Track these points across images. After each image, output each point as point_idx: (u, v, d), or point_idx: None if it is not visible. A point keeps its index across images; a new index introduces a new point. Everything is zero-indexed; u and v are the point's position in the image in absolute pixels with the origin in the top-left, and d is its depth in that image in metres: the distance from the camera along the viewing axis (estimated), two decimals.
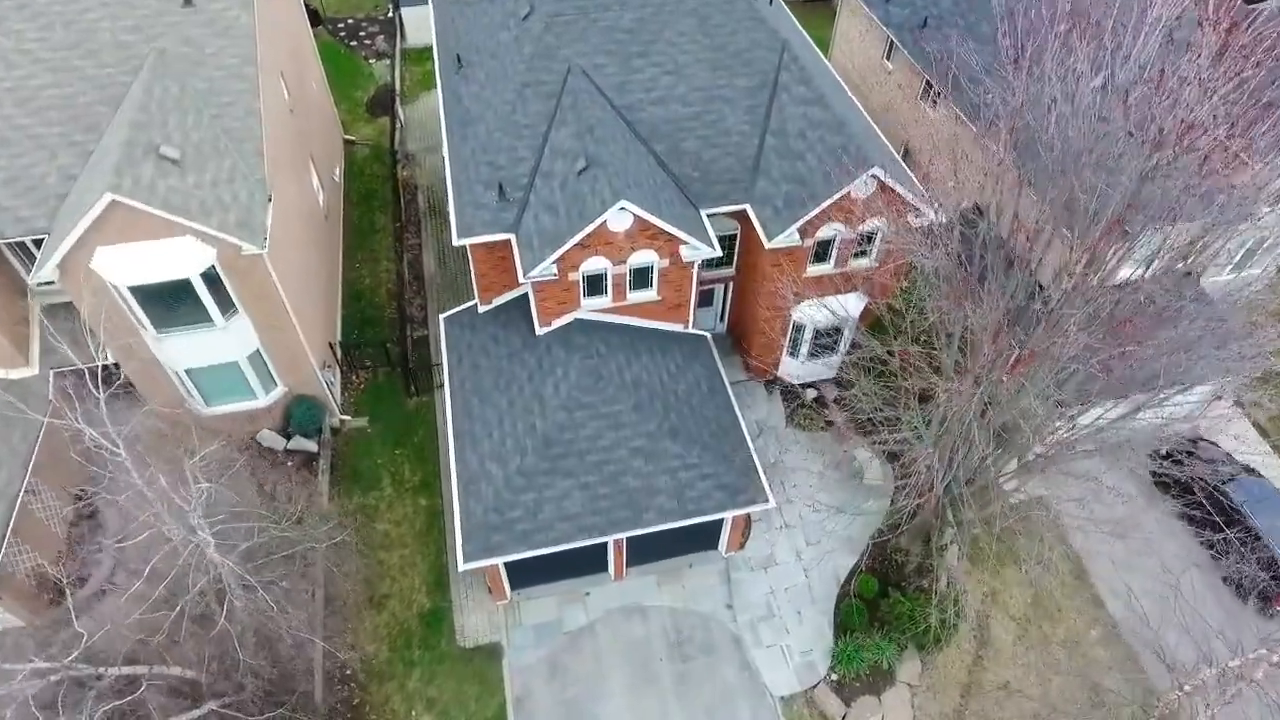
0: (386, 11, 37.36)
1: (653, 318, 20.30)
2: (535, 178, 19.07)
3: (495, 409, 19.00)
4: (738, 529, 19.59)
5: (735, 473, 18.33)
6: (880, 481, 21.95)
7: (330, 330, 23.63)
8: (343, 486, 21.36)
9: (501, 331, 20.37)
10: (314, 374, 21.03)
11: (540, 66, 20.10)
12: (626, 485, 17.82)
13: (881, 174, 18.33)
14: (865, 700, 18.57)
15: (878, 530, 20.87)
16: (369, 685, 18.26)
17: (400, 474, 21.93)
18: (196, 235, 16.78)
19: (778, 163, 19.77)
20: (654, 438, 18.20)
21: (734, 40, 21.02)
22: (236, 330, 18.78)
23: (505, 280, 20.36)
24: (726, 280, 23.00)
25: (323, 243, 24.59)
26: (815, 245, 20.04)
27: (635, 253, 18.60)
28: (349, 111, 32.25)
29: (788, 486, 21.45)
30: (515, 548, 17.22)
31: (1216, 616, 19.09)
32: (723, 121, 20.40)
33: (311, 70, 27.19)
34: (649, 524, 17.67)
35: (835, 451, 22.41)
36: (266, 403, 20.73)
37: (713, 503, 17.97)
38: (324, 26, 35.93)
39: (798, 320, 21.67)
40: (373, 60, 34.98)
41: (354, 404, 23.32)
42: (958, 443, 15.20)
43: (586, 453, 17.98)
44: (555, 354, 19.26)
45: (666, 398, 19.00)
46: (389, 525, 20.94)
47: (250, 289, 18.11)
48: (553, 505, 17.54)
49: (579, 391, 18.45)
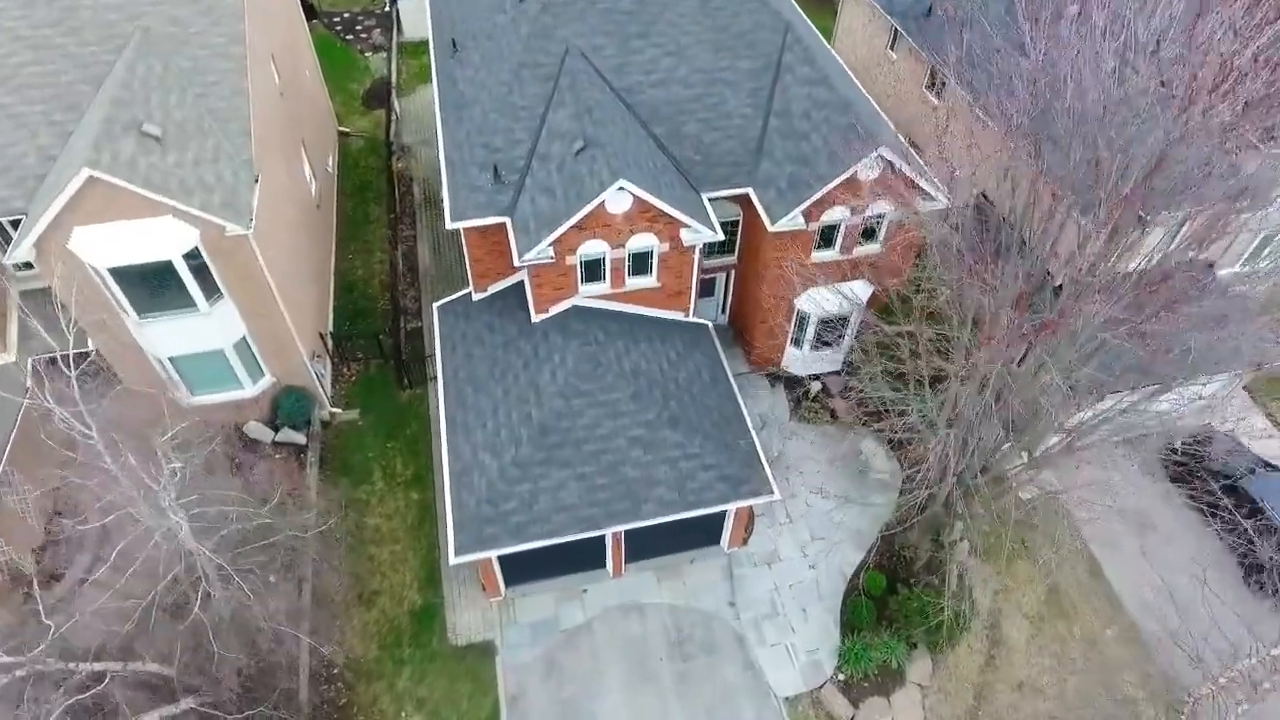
0: (383, 6, 36.92)
1: (652, 305, 19.67)
2: (532, 160, 18.48)
3: (490, 398, 18.35)
4: (741, 523, 18.89)
5: (738, 463, 17.66)
6: (887, 475, 21.28)
7: (321, 320, 23.00)
8: (332, 480, 20.68)
9: (496, 320, 19.74)
10: (303, 364, 20.38)
11: (537, 48, 19.54)
12: (625, 476, 17.15)
13: (889, 153, 17.74)
14: (874, 701, 17.84)
15: (886, 524, 20.16)
16: (356, 684, 17.52)
17: (392, 467, 21.26)
18: (178, 215, 16.17)
19: (781, 144, 19.19)
20: (653, 427, 17.54)
21: (736, 22, 20.47)
22: (221, 316, 18.14)
23: (500, 266, 19.75)
24: (728, 269, 22.39)
25: (314, 231, 23.99)
26: (820, 230, 19.44)
27: (634, 236, 17.99)
28: (344, 104, 31.75)
29: (793, 480, 20.77)
30: (509, 540, 16.53)
31: (1238, 612, 18.36)
32: (724, 104, 19.83)
33: (304, 59, 26.67)
34: (648, 516, 16.98)
35: (841, 445, 21.74)
36: (254, 393, 20.06)
37: (715, 494, 17.29)
38: (319, 20, 35.47)
39: (802, 309, 21.04)
40: (369, 54, 34.51)
41: (345, 397, 22.66)
42: (972, 427, 14.54)
43: (584, 442, 17.31)
44: (552, 341, 18.62)
45: (666, 386, 18.35)
46: (379, 520, 20.24)
47: (235, 272, 17.49)
48: (548, 496, 16.86)
49: (576, 379, 17.81)
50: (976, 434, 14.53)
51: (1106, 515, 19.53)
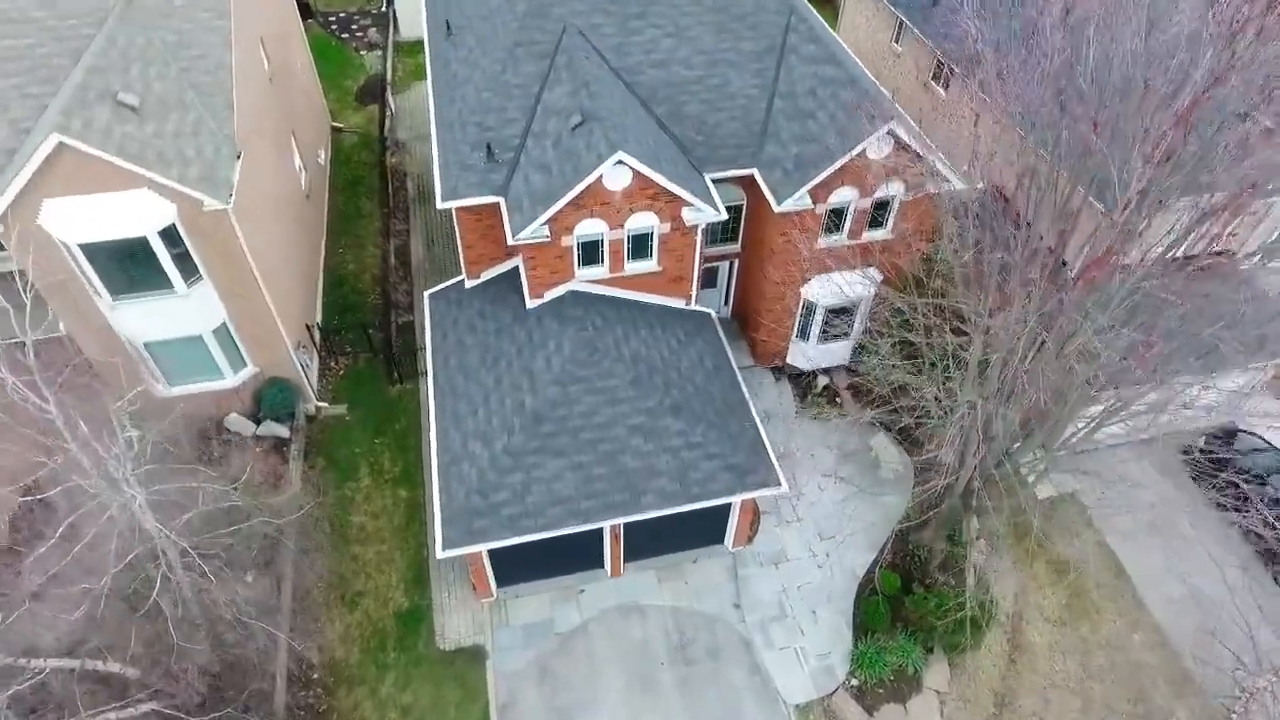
0: (380, 6, 36.52)
1: (653, 291, 18.83)
2: (526, 139, 17.75)
3: (481, 386, 17.44)
4: (746, 518, 17.90)
5: (744, 452, 16.72)
6: (900, 467, 20.32)
7: (309, 313, 22.14)
8: (317, 476, 19.70)
9: (489, 307, 18.88)
10: (288, 354, 19.48)
11: (533, 25, 18.89)
12: (624, 466, 16.19)
13: (899, 129, 17.00)
14: (889, 709, 16.75)
15: (900, 520, 19.16)
16: (336, 689, 16.41)
17: (380, 464, 20.29)
18: (154, 188, 15.36)
19: (786, 125, 18.47)
20: (654, 414, 16.62)
21: (738, 3, 19.87)
22: (200, 299, 17.27)
23: (493, 251, 18.94)
24: (732, 258, 21.59)
25: (303, 223, 23.22)
26: (827, 214, 18.66)
27: (634, 215, 17.19)
28: (338, 100, 31.16)
29: (800, 477, 19.80)
30: (500, 534, 15.54)
31: (1268, 612, 17.35)
32: (728, 85, 19.16)
33: (297, 51, 26.07)
34: (649, 508, 16.01)
35: (850, 438, 20.80)
36: (235, 383, 19.13)
37: (719, 485, 16.33)
38: (315, 20, 35.02)
39: (808, 298, 20.20)
40: (364, 51, 34.01)
41: (332, 391, 21.74)
42: (992, 409, 13.62)
43: (580, 430, 16.38)
44: (547, 326, 17.75)
45: (668, 374, 17.45)
46: (366, 518, 19.23)
47: (215, 250, 16.64)
48: (542, 487, 15.89)
49: (573, 365, 16.91)
50: (1000, 414, 13.61)
51: (1125, 512, 18.60)
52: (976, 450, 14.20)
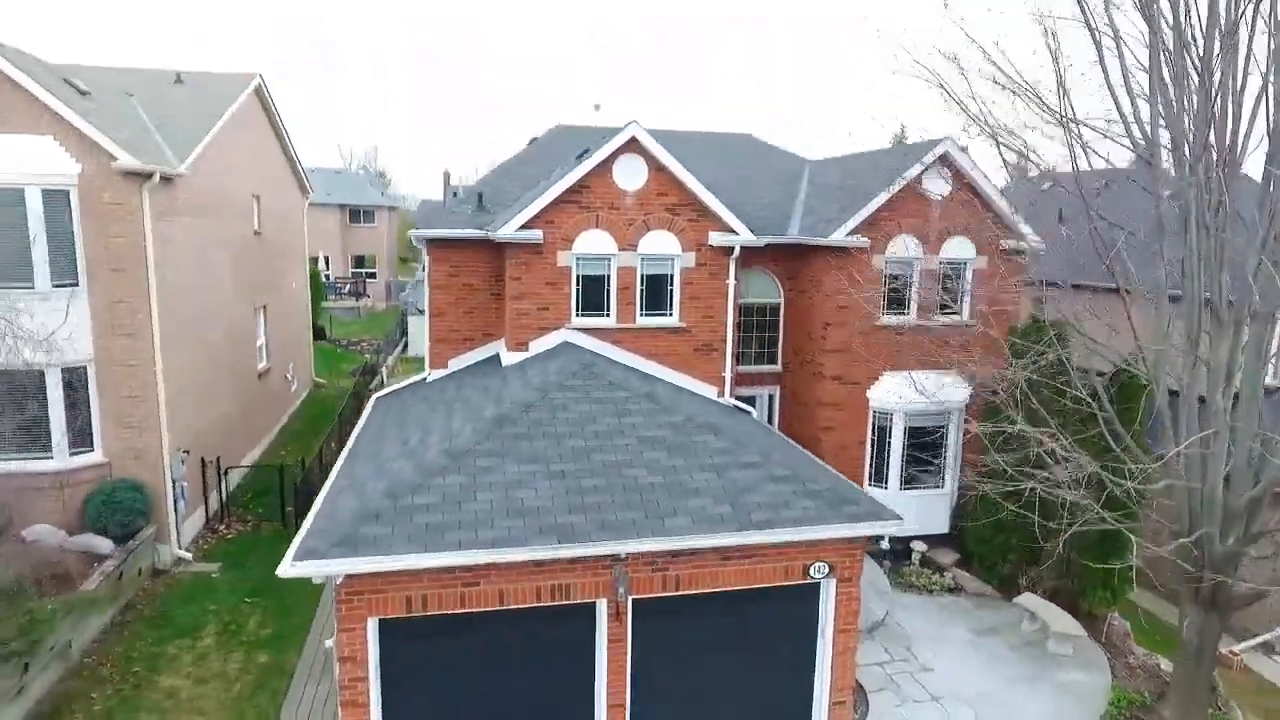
0: (393, 334, 37.54)
1: (675, 363, 14.14)
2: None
3: (420, 425, 11.73)
4: (846, 608, 10.06)
5: (827, 478, 10.26)
6: (1077, 633, 12.51)
7: (224, 456, 16.64)
8: (129, 626, 12.09)
9: (450, 382, 14.00)
10: (160, 458, 13.77)
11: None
12: (635, 480, 9.71)
13: (954, 154, 14.68)
14: None
15: (1110, 705, 10.94)
16: None
17: (240, 624, 12.71)
18: (61, 138, 12.46)
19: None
20: (683, 430, 10.69)
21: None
22: (62, 312, 12.69)
23: (467, 327, 14.88)
24: (771, 384, 17.03)
25: (247, 395, 19.29)
26: (887, 280, 15.14)
27: (649, 234, 13.77)
28: (331, 373, 29.71)
29: (920, 652, 12.08)
30: (408, 546, 8.43)
31: None
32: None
33: (293, 268, 25.04)
34: (678, 532, 9.05)
35: (985, 614, 13.37)
36: (62, 467, 13.01)
37: (796, 512, 9.53)
38: (328, 341, 35.71)
39: (879, 405, 15.21)
40: (368, 354, 33.65)
41: (206, 549, 14.99)
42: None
43: (566, 436, 10.31)
44: (528, 370, 12.75)
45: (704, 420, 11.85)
46: (182, 681, 11.14)
47: (108, 248, 12.82)
48: (497, 493, 9.24)
49: (562, 377, 11.59)
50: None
51: None
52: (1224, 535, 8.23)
